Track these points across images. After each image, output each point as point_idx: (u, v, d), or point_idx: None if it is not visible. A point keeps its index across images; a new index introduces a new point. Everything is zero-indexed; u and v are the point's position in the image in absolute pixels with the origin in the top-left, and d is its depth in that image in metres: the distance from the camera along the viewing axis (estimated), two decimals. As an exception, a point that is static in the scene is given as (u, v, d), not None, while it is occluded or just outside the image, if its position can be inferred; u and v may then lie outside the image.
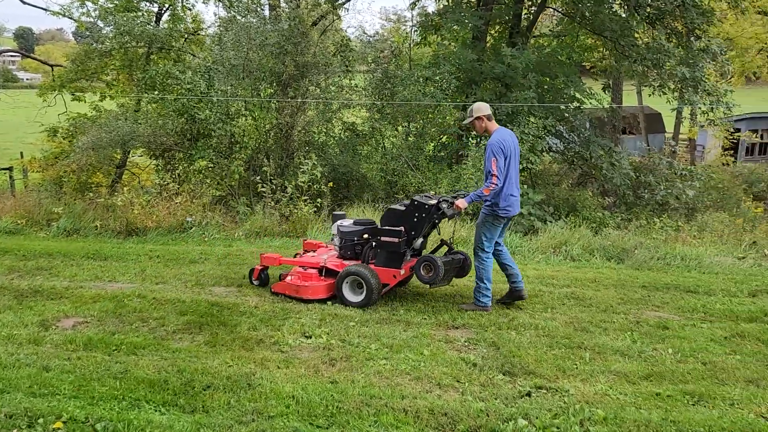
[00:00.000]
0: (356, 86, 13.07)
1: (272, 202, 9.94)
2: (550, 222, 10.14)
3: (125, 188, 11.04)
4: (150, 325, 5.21)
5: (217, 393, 3.90)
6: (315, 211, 9.88)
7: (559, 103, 12.94)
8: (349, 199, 11.45)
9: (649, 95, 14.47)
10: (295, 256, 6.54)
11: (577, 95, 13.27)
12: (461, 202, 5.66)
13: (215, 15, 40.21)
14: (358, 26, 41.58)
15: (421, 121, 12.44)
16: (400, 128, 12.63)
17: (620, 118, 19.32)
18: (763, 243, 9.61)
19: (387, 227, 5.79)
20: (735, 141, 25.77)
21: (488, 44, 14.19)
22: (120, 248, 8.35)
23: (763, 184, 21.30)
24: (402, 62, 14.04)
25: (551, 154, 14.58)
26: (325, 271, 5.98)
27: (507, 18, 14.08)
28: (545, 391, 4.02)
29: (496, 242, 5.81)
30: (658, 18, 12.58)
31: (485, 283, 5.70)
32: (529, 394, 3.96)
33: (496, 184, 5.46)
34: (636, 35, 13.15)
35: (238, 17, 12.23)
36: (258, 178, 10.27)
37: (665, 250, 8.37)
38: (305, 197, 9.89)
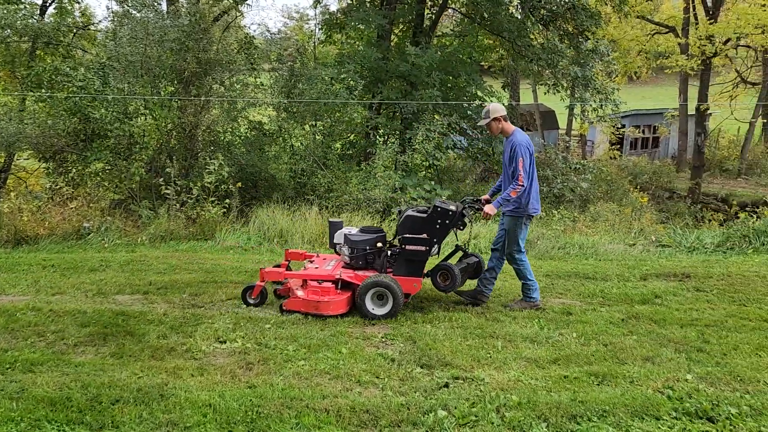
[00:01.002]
0: (262, 84, 12.84)
1: (177, 205, 9.56)
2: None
3: (12, 193, 10.23)
4: (48, 340, 4.86)
5: (127, 406, 3.70)
6: (224, 213, 9.60)
7: (462, 101, 13.35)
8: (258, 199, 11.23)
9: (545, 93, 15.26)
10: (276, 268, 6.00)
11: (479, 93, 13.75)
12: (490, 209, 5.59)
13: (108, 9, 38.01)
14: (262, 23, 40.71)
15: (329, 120, 12.41)
16: (307, 127, 12.54)
17: (518, 115, 20.24)
18: (649, 230, 10.42)
19: (411, 235, 5.50)
20: (621, 136, 27.75)
21: (393, 43, 14.39)
22: (8, 258, 7.74)
23: (646, 175, 23.15)
24: (307, 60, 13.94)
25: (456, 150, 15.03)
26: (341, 284, 5.57)
27: (410, 18, 14.36)
28: (462, 381, 4.12)
29: (498, 249, 5.87)
30: (551, 20, 13.31)
31: (531, 280, 5.75)
32: (446, 385, 4.05)
33: (522, 185, 5.43)
34: (531, 36, 13.82)
35: (133, 12, 11.65)
36: (161, 179, 9.84)
37: (564, 240, 8.87)
38: (213, 198, 9.59)
